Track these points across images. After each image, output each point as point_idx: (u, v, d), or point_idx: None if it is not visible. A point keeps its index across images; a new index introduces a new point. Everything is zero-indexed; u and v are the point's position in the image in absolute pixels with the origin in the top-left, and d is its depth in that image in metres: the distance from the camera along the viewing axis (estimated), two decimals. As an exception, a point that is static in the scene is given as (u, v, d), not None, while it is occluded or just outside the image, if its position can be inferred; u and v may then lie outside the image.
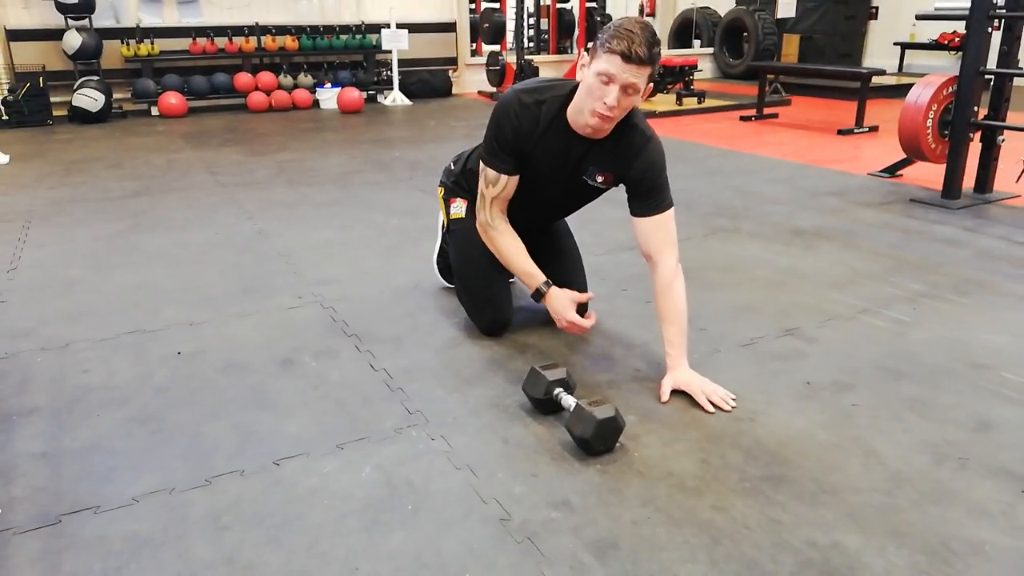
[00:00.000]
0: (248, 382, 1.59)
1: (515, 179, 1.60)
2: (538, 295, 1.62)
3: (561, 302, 1.59)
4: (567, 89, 1.51)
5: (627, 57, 1.35)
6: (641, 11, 9.92)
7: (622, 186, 1.61)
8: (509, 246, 1.64)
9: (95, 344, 1.78)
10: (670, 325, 1.52)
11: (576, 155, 1.56)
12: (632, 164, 1.54)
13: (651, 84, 1.44)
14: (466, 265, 1.77)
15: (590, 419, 1.26)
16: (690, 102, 5.79)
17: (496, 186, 1.60)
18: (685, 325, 1.53)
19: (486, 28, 6.85)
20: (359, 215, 2.91)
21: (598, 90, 1.40)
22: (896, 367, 1.62)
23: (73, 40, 5.31)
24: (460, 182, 1.83)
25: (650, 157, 1.53)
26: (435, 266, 2.10)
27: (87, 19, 5.41)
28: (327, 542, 1.10)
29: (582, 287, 1.82)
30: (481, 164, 1.62)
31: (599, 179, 1.59)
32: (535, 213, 1.75)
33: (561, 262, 1.82)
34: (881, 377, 1.58)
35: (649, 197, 1.54)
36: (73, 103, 5.28)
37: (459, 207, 1.82)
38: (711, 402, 1.44)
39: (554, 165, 1.59)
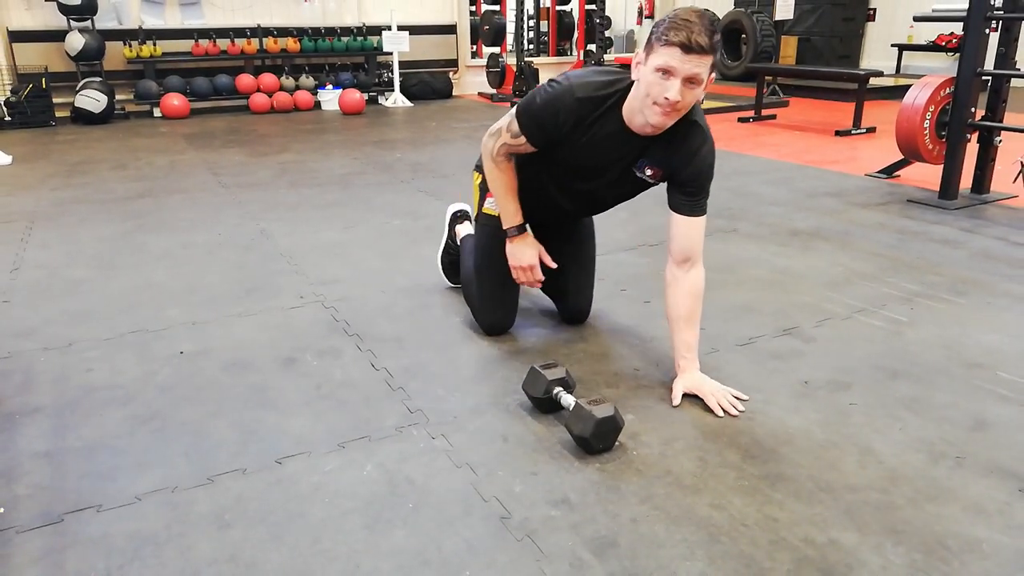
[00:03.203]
0: (250, 381, 1.60)
1: (532, 149, 1.54)
2: (515, 232, 1.63)
3: (528, 247, 1.62)
4: (624, 85, 1.43)
5: (687, 47, 1.27)
6: (640, 13, 9.95)
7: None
8: (502, 181, 1.61)
9: (98, 343, 1.79)
10: (691, 328, 1.51)
11: (629, 151, 1.50)
12: (687, 163, 1.47)
13: (713, 75, 1.36)
14: (486, 263, 1.74)
15: (589, 418, 1.27)
16: (689, 104, 5.79)
17: (515, 140, 1.54)
18: (699, 329, 1.53)
19: (486, 30, 6.87)
20: (361, 216, 2.92)
21: (658, 86, 1.32)
22: (893, 366, 1.63)
23: (75, 41, 5.33)
24: None
25: (707, 159, 1.47)
26: (439, 264, 2.10)
27: (89, 20, 5.43)
28: (329, 540, 1.11)
29: (587, 300, 1.84)
30: (515, 109, 1.53)
31: (648, 172, 1.52)
32: (578, 202, 1.70)
33: (576, 271, 1.80)
34: (878, 376, 1.58)
35: (696, 198, 1.49)
36: (76, 104, 5.30)
37: (493, 204, 1.72)
38: (720, 406, 1.44)
39: (606, 158, 1.53)
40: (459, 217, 2.08)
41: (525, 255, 1.62)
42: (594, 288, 1.87)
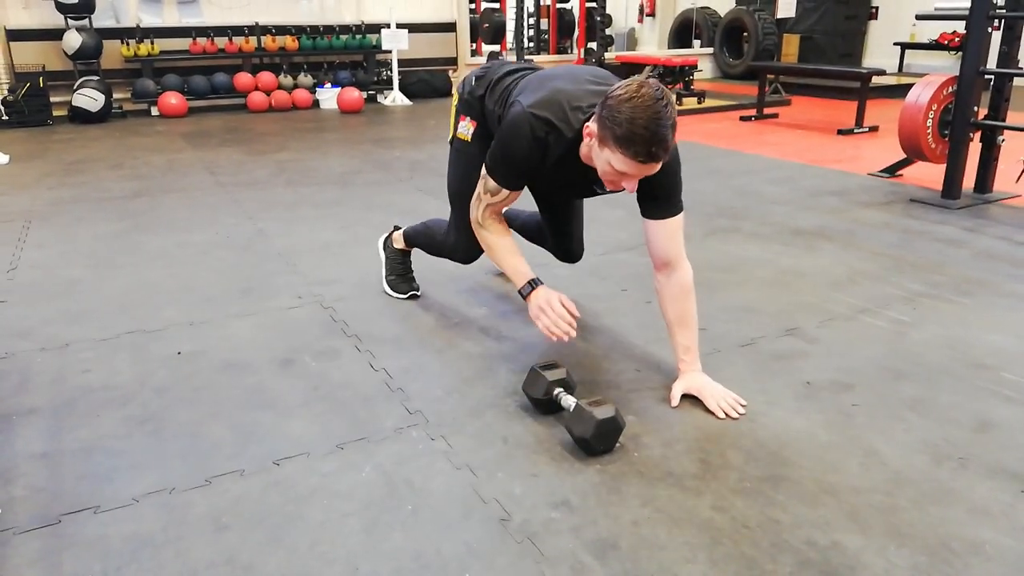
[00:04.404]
0: (248, 382, 1.59)
1: (517, 193, 1.52)
2: (529, 288, 1.50)
3: (549, 295, 1.48)
4: (575, 129, 1.38)
5: (646, 161, 1.22)
6: (641, 11, 9.92)
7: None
8: (500, 245, 1.55)
9: (95, 344, 1.78)
10: (686, 330, 1.49)
11: (586, 173, 1.46)
12: (645, 179, 1.38)
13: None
14: (461, 187, 1.68)
15: (590, 419, 1.26)
16: (690, 102, 5.79)
17: (496, 197, 1.51)
18: (697, 329, 1.52)
19: (486, 28, 6.86)
20: (359, 215, 2.91)
21: (613, 175, 1.28)
22: (896, 367, 1.62)
23: (73, 40, 5.31)
24: (473, 104, 1.65)
25: (665, 166, 1.36)
26: (384, 285, 2.05)
27: (87, 19, 5.41)
28: (327, 542, 1.10)
29: (580, 241, 1.89)
30: (484, 169, 1.51)
31: (609, 188, 1.49)
32: (547, 196, 1.80)
33: (567, 217, 1.83)
34: (881, 377, 1.57)
35: (668, 201, 1.44)
36: (73, 103, 5.28)
37: (466, 128, 1.66)
38: (721, 408, 1.43)
39: (566, 181, 1.55)
40: (391, 237, 2.07)
41: (541, 300, 1.47)
42: (583, 241, 1.93)
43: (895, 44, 7.80)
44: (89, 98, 5.24)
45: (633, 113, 1.18)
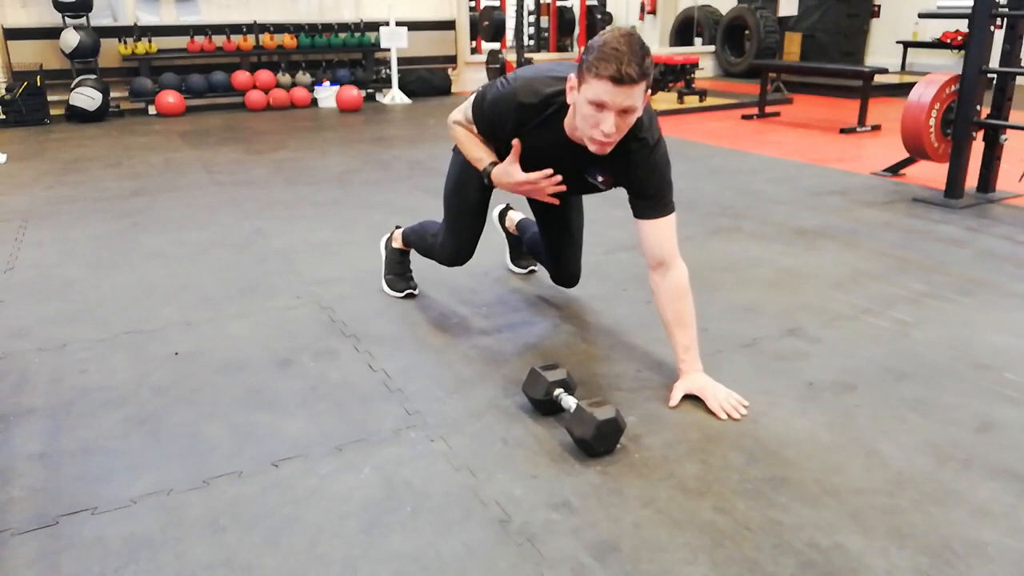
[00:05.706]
0: (246, 382, 1.58)
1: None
2: (486, 174, 1.58)
3: (505, 171, 1.53)
4: (560, 91, 1.43)
5: (618, 80, 1.25)
6: (642, 9, 9.91)
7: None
8: (464, 137, 1.61)
9: (93, 344, 1.77)
10: (686, 329, 1.49)
11: (578, 159, 1.50)
12: (635, 172, 1.46)
13: (648, 92, 1.37)
14: (458, 194, 1.73)
15: (590, 420, 1.26)
16: (691, 100, 5.78)
17: (471, 125, 1.59)
18: (696, 328, 1.51)
19: (486, 26, 6.84)
20: (358, 215, 2.90)
21: (592, 118, 1.32)
22: (899, 367, 1.61)
23: (70, 39, 5.29)
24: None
25: (653, 164, 1.45)
26: (383, 284, 2.07)
27: (84, 18, 5.40)
28: (326, 543, 1.10)
29: (577, 264, 1.91)
30: (473, 96, 1.58)
31: (599, 179, 1.54)
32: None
33: (567, 239, 1.87)
34: (883, 377, 1.57)
35: (659, 200, 1.47)
36: (70, 102, 5.27)
37: None
38: (723, 409, 1.42)
39: (556, 166, 1.55)
40: (391, 236, 2.09)
41: (512, 175, 1.52)
42: (580, 267, 1.93)
43: (897, 42, 7.78)
44: (86, 97, 5.23)
45: (604, 40, 1.29)
